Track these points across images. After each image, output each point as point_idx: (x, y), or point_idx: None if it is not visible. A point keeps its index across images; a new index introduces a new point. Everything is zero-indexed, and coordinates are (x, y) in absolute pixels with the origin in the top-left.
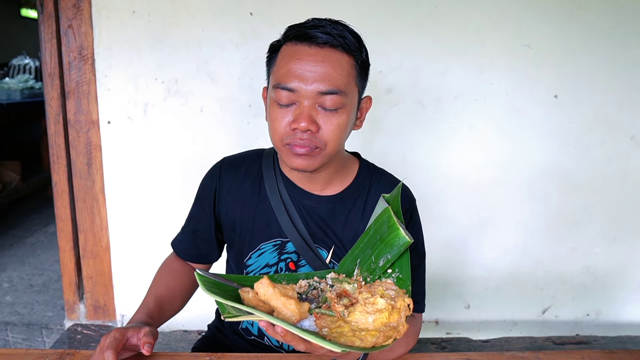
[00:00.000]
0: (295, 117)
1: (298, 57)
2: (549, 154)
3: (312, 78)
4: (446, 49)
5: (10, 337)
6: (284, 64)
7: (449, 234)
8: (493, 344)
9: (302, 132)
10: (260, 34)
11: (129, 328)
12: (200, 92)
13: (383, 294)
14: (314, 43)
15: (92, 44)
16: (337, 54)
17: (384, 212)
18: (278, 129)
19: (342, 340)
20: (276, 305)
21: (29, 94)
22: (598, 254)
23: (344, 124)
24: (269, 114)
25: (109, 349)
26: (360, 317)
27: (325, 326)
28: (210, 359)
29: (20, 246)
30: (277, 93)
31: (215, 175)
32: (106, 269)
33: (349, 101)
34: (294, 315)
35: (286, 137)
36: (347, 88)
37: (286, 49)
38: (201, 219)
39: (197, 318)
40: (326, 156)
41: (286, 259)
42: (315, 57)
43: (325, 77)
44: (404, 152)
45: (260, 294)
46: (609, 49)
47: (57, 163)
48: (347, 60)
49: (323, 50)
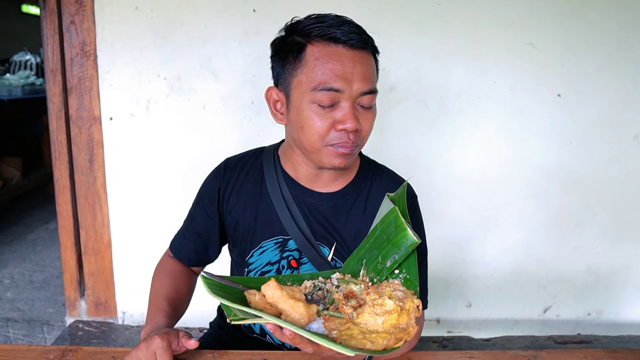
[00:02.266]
0: (343, 119)
1: (337, 58)
2: (552, 153)
3: (355, 79)
4: (449, 48)
5: (12, 334)
6: (321, 65)
7: (451, 232)
8: (494, 343)
9: (349, 133)
10: (263, 31)
11: (169, 334)
12: (203, 89)
13: (391, 295)
14: (348, 45)
15: (94, 40)
16: (367, 55)
17: (390, 212)
18: (320, 130)
19: (353, 343)
20: (284, 307)
21: (30, 90)
22: (600, 254)
23: (374, 119)
24: (306, 116)
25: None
26: (369, 318)
27: (335, 328)
28: (213, 356)
29: (21, 242)
30: (318, 95)
31: (218, 176)
32: (107, 265)
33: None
34: (302, 318)
35: (328, 136)
36: (376, 85)
37: (316, 49)
38: (204, 221)
39: (199, 315)
40: (358, 152)
41: (288, 257)
42: (354, 59)
43: (366, 77)
44: (406, 150)
45: (268, 297)
46: (613, 48)
47: (58, 159)
48: (373, 59)
49: (359, 52)
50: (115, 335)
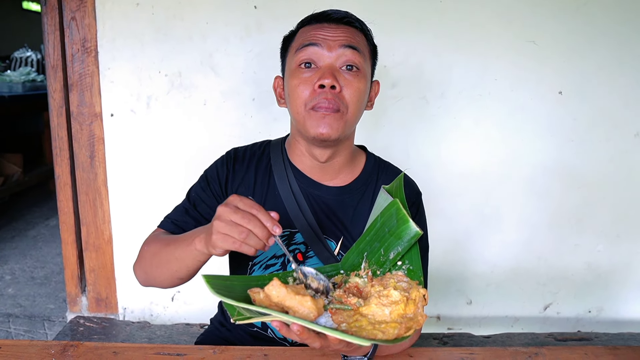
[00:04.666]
0: (320, 76)
1: (319, 27)
2: (553, 150)
3: (334, 38)
4: (451, 45)
5: (13, 329)
6: (304, 34)
7: (452, 230)
8: (495, 340)
9: (327, 92)
10: (265, 27)
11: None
12: (204, 85)
13: (395, 286)
14: (330, 20)
15: (95, 36)
16: (353, 29)
17: (391, 204)
18: (302, 92)
19: (364, 334)
20: (291, 304)
21: (30, 87)
22: (601, 251)
23: (363, 89)
24: (290, 82)
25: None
26: (376, 309)
27: (343, 321)
28: (214, 352)
29: (21, 239)
30: (299, 54)
31: (226, 164)
32: (108, 261)
33: (366, 68)
34: (311, 312)
35: (310, 100)
36: (364, 52)
37: (303, 29)
38: (212, 206)
39: (200, 312)
40: (347, 123)
41: (294, 250)
42: (336, 27)
43: (346, 37)
44: (407, 147)
45: (273, 296)
46: (614, 46)
47: (59, 156)
48: (362, 36)
49: (342, 25)
50: (116, 331)
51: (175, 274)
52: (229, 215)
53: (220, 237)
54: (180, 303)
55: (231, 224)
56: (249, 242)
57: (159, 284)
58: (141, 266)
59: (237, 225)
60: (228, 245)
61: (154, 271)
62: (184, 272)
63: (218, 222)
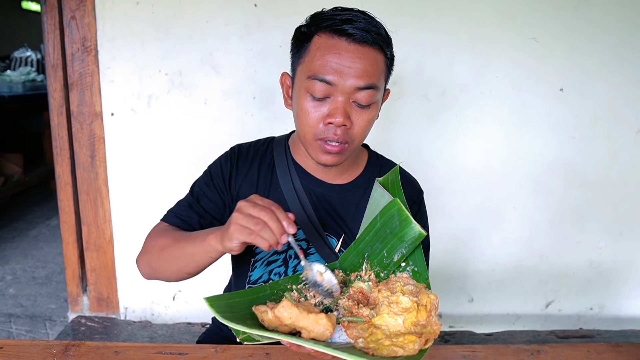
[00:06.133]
0: (331, 112)
1: (336, 51)
2: (555, 148)
3: (350, 73)
4: (452, 42)
5: (14, 329)
6: (320, 56)
7: (454, 227)
8: (496, 338)
9: (337, 128)
10: (265, 25)
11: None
12: (204, 84)
13: (403, 290)
14: (352, 39)
15: (95, 35)
16: (373, 52)
17: (391, 204)
18: (311, 122)
19: (385, 352)
20: (305, 325)
21: (31, 87)
22: (602, 249)
23: (373, 119)
24: (300, 105)
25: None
26: (389, 319)
27: (359, 336)
28: (216, 351)
29: (22, 239)
30: (311, 84)
31: (230, 159)
32: (109, 261)
33: (379, 96)
34: (327, 330)
35: (319, 132)
36: (379, 84)
37: (320, 40)
38: (215, 201)
39: (201, 311)
40: (352, 150)
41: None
42: (354, 54)
43: (364, 73)
44: (408, 145)
45: (285, 318)
46: (616, 43)
47: (60, 155)
48: (381, 58)
49: (362, 47)
50: (117, 331)
51: (184, 269)
52: (247, 209)
53: (237, 228)
54: (182, 302)
55: (249, 217)
56: (263, 235)
57: (165, 277)
58: (146, 260)
59: (254, 218)
60: (244, 237)
61: (161, 265)
62: (192, 267)
63: (237, 214)
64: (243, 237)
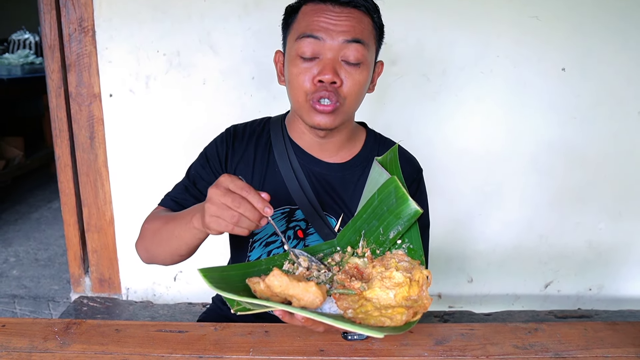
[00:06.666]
0: (320, 70)
1: (322, 12)
2: (555, 128)
3: (337, 29)
4: (452, 21)
5: (18, 310)
6: (307, 18)
7: (453, 208)
8: (495, 318)
9: (327, 85)
10: (263, 5)
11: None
12: (203, 65)
13: (397, 266)
14: (336, 3)
15: (92, 15)
16: (359, 13)
17: (389, 181)
18: (302, 83)
19: (372, 322)
20: (295, 292)
21: (29, 69)
22: (602, 229)
23: (364, 81)
24: (291, 71)
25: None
26: (380, 293)
27: (349, 307)
28: (215, 328)
29: (25, 221)
30: (300, 44)
31: (226, 141)
32: (110, 242)
33: (369, 58)
34: (317, 298)
35: (310, 92)
36: (368, 42)
37: (307, 8)
38: (208, 181)
39: (202, 291)
40: (345, 113)
41: (294, 227)
42: (340, 14)
43: (350, 28)
44: (408, 125)
45: (276, 287)
46: (618, 22)
47: (59, 137)
48: (368, 20)
49: (347, 9)
50: (119, 311)
51: (175, 251)
52: (219, 198)
53: (212, 219)
54: (183, 283)
55: (222, 207)
56: (241, 225)
57: (161, 261)
58: (143, 244)
59: (228, 209)
60: (221, 228)
61: (155, 249)
62: (183, 249)
63: (209, 205)
64: (221, 228)
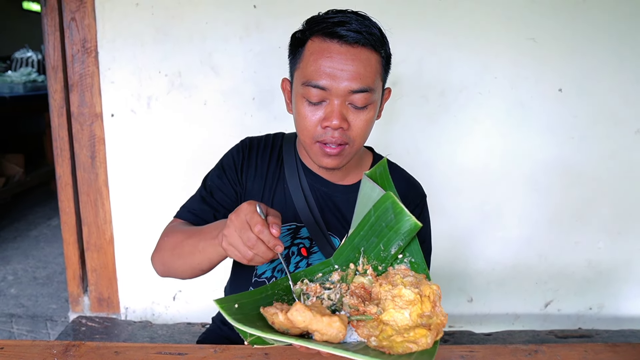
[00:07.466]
0: (327, 115)
1: (328, 55)
2: (553, 147)
3: (343, 77)
4: (451, 43)
5: (15, 329)
6: (313, 61)
7: (453, 228)
8: (495, 337)
9: (334, 130)
10: (264, 26)
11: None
12: (204, 85)
13: (403, 282)
14: (343, 41)
15: (95, 36)
16: (366, 52)
17: (385, 198)
18: (309, 126)
19: (401, 350)
20: (318, 327)
21: (31, 87)
22: (601, 248)
23: (371, 119)
24: (298, 110)
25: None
26: (395, 314)
27: (370, 334)
28: (215, 350)
29: (24, 239)
30: (307, 90)
31: (242, 151)
32: (110, 261)
33: (376, 97)
34: (340, 332)
35: (317, 135)
36: (375, 85)
37: (313, 44)
38: (229, 194)
39: (201, 311)
40: (353, 152)
41: (299, 244)
42: (346, 56)
43: (357, 76)
44: (407, 145)
45: (299, 322)
46: (614, 43)
47: (60, 156)
48: (375, 58)
49: (353, 49)
50: (118, 331)
51: (197, 266)
52: (237, 231)
53: (229, 248)
54: (182, 302)
55: (239, 241)
56: (254, 261)
57: (179, 275)
58: (160, 257)
59: (243, 245)
60: (236, 258)
61: (174, 262)
62: (205, 264)
63: (227, 232)
64: (235, 258)
